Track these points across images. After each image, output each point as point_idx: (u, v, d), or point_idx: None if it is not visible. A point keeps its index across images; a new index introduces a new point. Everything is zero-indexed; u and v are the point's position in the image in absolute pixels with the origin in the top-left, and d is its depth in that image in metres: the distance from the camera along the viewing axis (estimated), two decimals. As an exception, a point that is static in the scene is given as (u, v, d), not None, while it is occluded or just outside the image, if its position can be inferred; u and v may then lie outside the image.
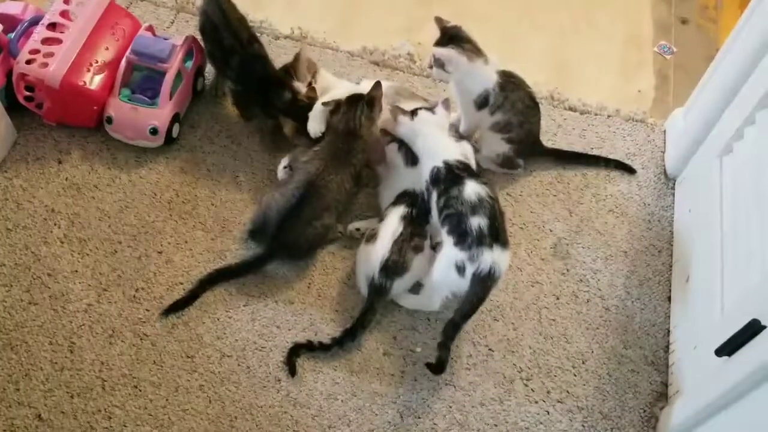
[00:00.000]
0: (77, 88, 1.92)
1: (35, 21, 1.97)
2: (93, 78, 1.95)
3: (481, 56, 1.88)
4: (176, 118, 2.01)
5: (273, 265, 1.82)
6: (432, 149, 1.78)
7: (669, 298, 1.86)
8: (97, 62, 1.97)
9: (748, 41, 1.70)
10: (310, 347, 1.71)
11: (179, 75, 2.00)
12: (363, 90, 1.93)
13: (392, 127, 1.85)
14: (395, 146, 1.88)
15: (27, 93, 1.93)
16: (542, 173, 2.06)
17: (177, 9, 2.33)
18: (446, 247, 1.68)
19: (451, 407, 1.69)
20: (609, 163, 2.08)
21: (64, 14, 1.97)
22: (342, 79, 2.11)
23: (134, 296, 1.77)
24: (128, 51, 1.98)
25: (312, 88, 1.95)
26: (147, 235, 1.87)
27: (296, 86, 1.97)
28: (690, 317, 1.73)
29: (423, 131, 1.80)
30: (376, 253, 1.73)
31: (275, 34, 2.30)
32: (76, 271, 1.80)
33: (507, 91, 1.90)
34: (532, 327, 1.81)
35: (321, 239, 1.84)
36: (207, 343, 1.72)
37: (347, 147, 1.85)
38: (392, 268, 1.72)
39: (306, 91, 1.95)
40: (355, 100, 1.88)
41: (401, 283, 1.75)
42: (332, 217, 1.83)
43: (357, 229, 1.88)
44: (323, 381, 1.69)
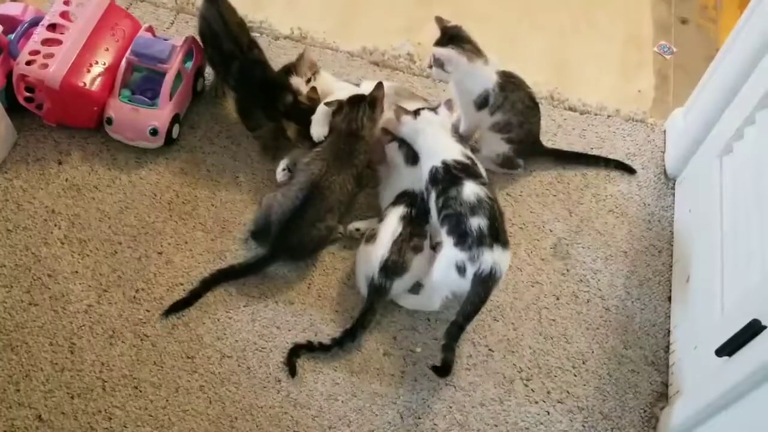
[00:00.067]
0: (77, 89, 1.92)
1: (35, 22, 1.97)
2: (93, 79, 1.95)
3: (481, 56, 1.88)
4: (176, 119, 2.01)
5: (274, 266, 1.82)
6: (432, 149, 1.78)
7: (669, 298, 1.86)
8: (98, 63, 1.97)
9: (748, 41, 1.70)
10: (310, 348, 1.71)
11: (179, 76, 2.00)
12: (363, 91, 1.93)
13: (395, 127, 1.85)
14: (395, 145, 1.88)
15: (27, 94, 1.93)
16: (542, 173, 2.06)
17: (177, 10, 2.33)
18: (446, 248, 1.68)
19: (451, 407, 1.69)
20: (609, 163, 2.08)
21: (64, 15, 1.97)
22: (342, 81, 2.11)
23: (134, 297, 1.77)
24: (128, 52, 1.98)
25: (313, 89, 1.95)
26: (147, 236, 1.87)
27: (295, 83, 1.97)
28: (690, 317, 1.73)
29: (425, 130, 1.80)
30: (376, 254, 1.73)
31: (275, 35, 2.30)
32: (77, 272, 1.80)
33: (507, 92, 1.90)
34: (532, 327, 1.81)
35: (324, 240, 1.84)
36: (207, 344, 1.73)
37: (349, 148, 1.85)
38: (392, 269, 1.72)
39: (307, 92, 1.95)
40: (357, 101, 1.88)
41: (401, 284, 1.75)
42: (335, 219, 1.83)
43: (357, 230, 1.89)
44: (323, 381, 1.69)
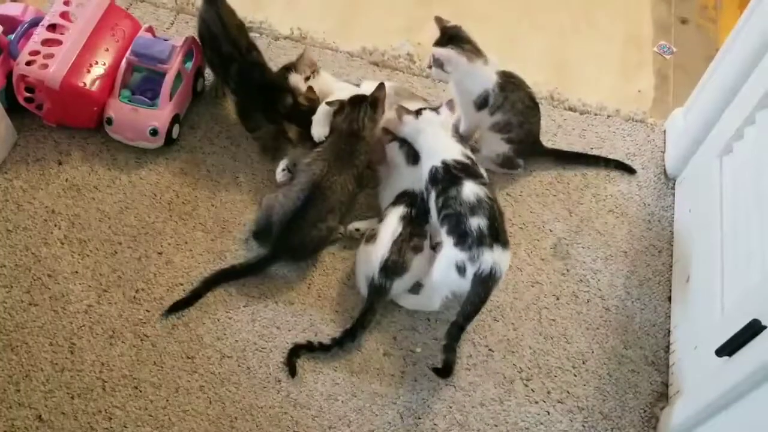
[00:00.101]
0: (77, 90, 1.92)
1: (35, 22, 1.97)
2: (93, 79, 1.95)
3: (481, 56, 1.88)
4: (176, 119, 2.01)
5: (274, 266, 1.82)
6: (432, 149, 1.78)
7: (669, 298, 1.86)
8: (98, 63, 1.97)
9: (748, 41, 1.70)
10: (310, 348, 1.71)
11: (179, 76, 2.00)
12: (363, 91, 1.93)
13: (396, 126, 1.85)
14: (396, 145, 1.88)
15: (27, 94, 1.93)
16: (542, 173, 2.06)
17: (177, 10, 2.33)
18: (446, 248, 1.68)
19: (451, 408, 1.69)
20: (609, 163, 2.08)
21: (64, 15, 1.97)
22: (342, 81, 2.11)
23: (134, 297, 1.77)
24: (128, 52, 1.98)
25: (310, 89, 1.95)
26: (147, 236, 1.87)
27: (293, 80, 1.97)
28: (690, 317, 1.73)
29: (426, 130, 1.81)
30: (376, 254, 1.73)
31: (275, 35, 2.30)
32: (77, 272, 1.80)
33: (507, 92, 1.90)
34: (532, 327, 1.81)
35: (325, 241, 1.84)
36: (207, 344, 1.73)
37: (350, 148, 1.85)
38: (392, 269, 1.72)
39: (305, 93, 1.94)
40: (359, 101, 1.88)
41: (401, 284, 1.75)
42: (336, 219, 1.83)
43: (357, 230, 1.88)
44: (323, 382, 1.69)
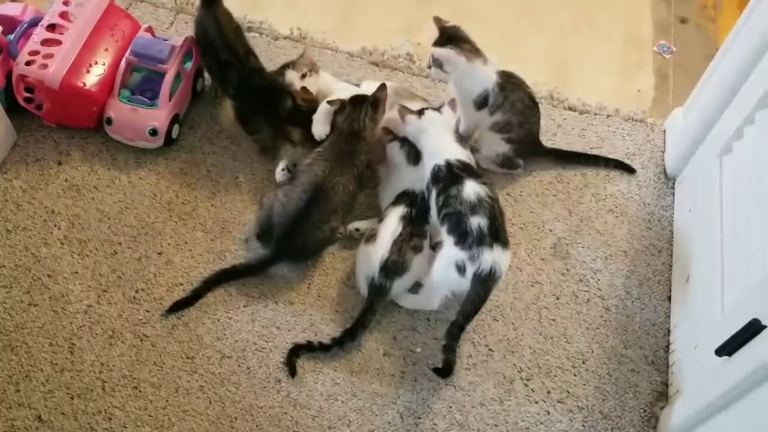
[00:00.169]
0: (77, 90, 1.91)
1: (35, 22, 1.97)
2: (92, 79, 1.95)
3: (480, 56, 1.88)
4: (176, 119, 2.01)
5: (274, 267, 1.82)
6: (435, 148, 1.78)
7: (669, 298, 1.86)
8: (97, 63, 1.97)
9: (748, 41, 1.70)
10: (310, 348, 1.71)
11: (179, 76, 2.00)
12: (363, 91, 1.93)
13: (397, 126, 1.85)
14: (397, 145, 1.88)
15: (27, 94, 1.93)
16: (542, 173, 2.06)
17: (176, 10, 2.32)
18: (446, 247, 1.68)
19: (451, 407, 1.69)
20: (609, 163, 2.08)
21: (64, 15, 1.97)
22: (342, 81, 2.11)
23: (134, 297, 1.77)
24: (128, 52, 1.98)
25: (305, 89, 1.93)
26: (147, 236, 1.87)
27: (289, 76, 1.97)
28: (690, 317, 1.73)
29: (429, 130, 1.81)
30: (376, 254, 1.73)
31: (274, 35, 2.29)
32: (76, 273, 1.80)
33: (506, 91, 1.90)
34: (532, 327, 1.81)
35: (327, 242, 1.85)
36: (207, 344, 1.72)
37: (350, 148, 1.85)
38: (392, 268, 1.72)
39: (300, 92, 1.93)
40: (360, 101, 1.87)
41: (401, 283, 1.75)
42: (338, 220, 1.83)
43: (357, 230, 1.88)
44: (323, 382, 1.69)
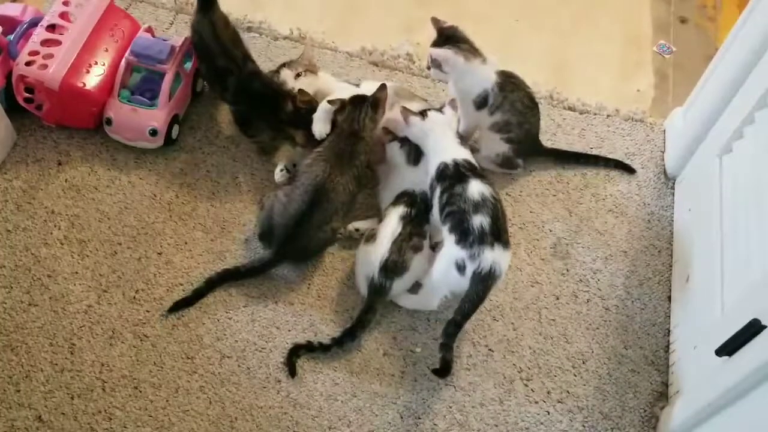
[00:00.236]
0: (77, 90, 1.91)
1: (34, 22, 1.97)
2: (92, 80, 1.95)
3: (479, 56, 1.88)
4: (176, 119, 2.01)
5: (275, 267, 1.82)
6: (442, 147, 1.79)
7: (669, 298, 1.86)
8: (97, 64, 1.97)
9: (747, 40, 1.70)
10: (310, 348, 1.71)
11: (178, 76, 2.00)
12: (363, 91, 1.93)
13: (397, 126, 1.85)
14: (396, 145, 1.88)
15: (26, 94, 1.93)
16: (542, 173, 2.06)
17: (176, 10, 2.32)
18: (447, 245, 1.68)
19: (451, 407, 1.69)
20: (608, 163, 2.08)
21: (64, 16, 1.97)
22: (342, 81, 2.10)
23: (134, 297, 1.77)
24: (127, 52, 1.98)
25: (302, 91, 1.92)
26: (147, 237, 1.87)
27: (284, 75, 1.96)
28: (690, 317, 1.73)
29: (434, 130, 1.81)
30: (376, 253, 1.73)
31: (274, 35, 2.29)
32: (76, 273, 1.80)
33: (506, 91, 1.90)
34: (532, 327, 1.81)
35: (328, 242, 1.85)
36: (207, 345, 1.72)
37: (350, 148, 1.84)
38: (392, 268, 1.72)
39: (297, 94, 1.92)
40: (360, 101, 1.87)
41: (401, 283, 1.75)
42: (340, 220, 1.83)
43: (356, 230, 1.88)
44: (323, 382, 1.69)
